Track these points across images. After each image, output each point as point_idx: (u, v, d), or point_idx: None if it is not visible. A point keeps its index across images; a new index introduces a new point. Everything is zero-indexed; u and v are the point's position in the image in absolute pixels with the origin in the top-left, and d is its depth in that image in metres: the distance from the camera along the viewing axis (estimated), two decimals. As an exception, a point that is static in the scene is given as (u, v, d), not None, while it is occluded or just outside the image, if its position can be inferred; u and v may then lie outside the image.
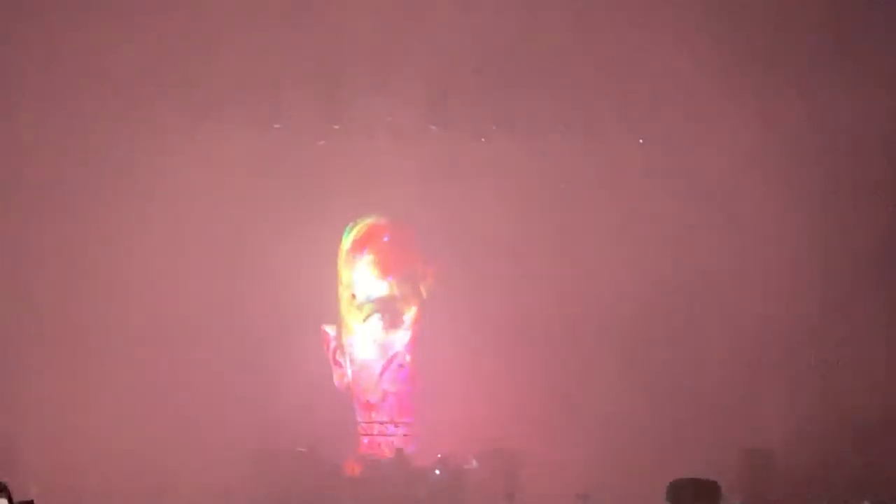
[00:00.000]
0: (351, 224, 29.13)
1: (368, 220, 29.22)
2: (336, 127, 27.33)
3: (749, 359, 26.12)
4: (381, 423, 28.78)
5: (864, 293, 25.38)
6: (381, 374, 29.07)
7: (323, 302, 28.77)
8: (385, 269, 29.28)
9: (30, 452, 24.51)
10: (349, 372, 29.05)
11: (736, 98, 25.18)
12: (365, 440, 28.67)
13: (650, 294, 26.19)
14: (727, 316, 25.84)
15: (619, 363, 26.14)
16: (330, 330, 29.00)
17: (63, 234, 25.81)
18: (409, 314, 29.14)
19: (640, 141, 27.07)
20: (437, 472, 25.40)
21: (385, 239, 29.15)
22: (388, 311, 29.20)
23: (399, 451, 26.99)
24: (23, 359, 25.63)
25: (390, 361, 29.08)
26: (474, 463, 26.46)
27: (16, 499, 7.65)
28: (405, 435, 28.27)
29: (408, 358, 29.05)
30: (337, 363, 29.01)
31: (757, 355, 26.17)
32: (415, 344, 29.02)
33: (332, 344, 28.99)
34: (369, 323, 29.20)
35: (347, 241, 29.14)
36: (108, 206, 26.12)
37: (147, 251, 26.12)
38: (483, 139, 27.66)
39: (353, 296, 29.17)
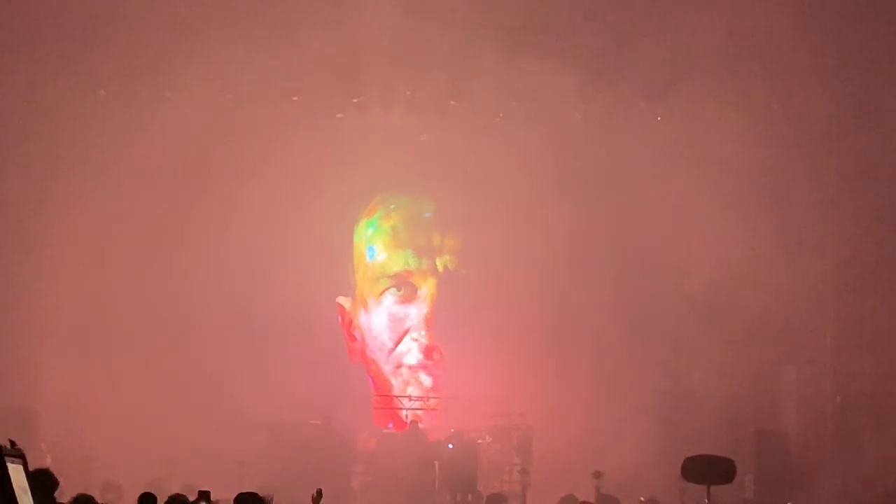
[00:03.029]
0: (369, 197, 29.14)
1: (386, 194, 29.23)
2: (355, 100, 27.31)
3: (764, 340, 26.12)
4: (396, 396, 28.83)
5: (879, 278, 25.30)
6: (396, 347, 29.12)
7: (339, 274, 28.80)
8: (402, 243, 29.30)
9: (45, 423, 24.64)
10: (364, 345, 29.09)
11: (754, 84, 25.19)
12: (379, 413, 28.74)
13: (667, 273, 26.17)
14: (743, 298, 25.77)
15: (635, 343, 26.13)
16: (345, 302, 29.04)
17: (79, 215, 25.88)
18: (425, 288, 29.17)
19: (658, 118, 27.01)
20: (451, 446, 25.40)
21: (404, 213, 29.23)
22: (404, 284, 29.24)
23: (413, 424, 27.01)
24: (40, 336, 25.74)
25: (405, 335, 29.12)
26: (488, 438, 26.49)
27: (32, 466, 7.68)
28: (419, 409, 28.31)
29: (423, 332, 29.09)
30: (352, 336, 29.06)
31: (772, 337, 26.14)
32: (430, 318, 29.06)
33: (348, 317, 29.04)
34: (385, 296, 29.23)
35: (364, 214, 29.16)
36: (124, 181, 26.13)
37: (162, 224, 26.20)
38: (502, 115, 27.61)
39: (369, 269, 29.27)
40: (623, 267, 26.68)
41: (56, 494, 10.92)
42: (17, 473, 7.22)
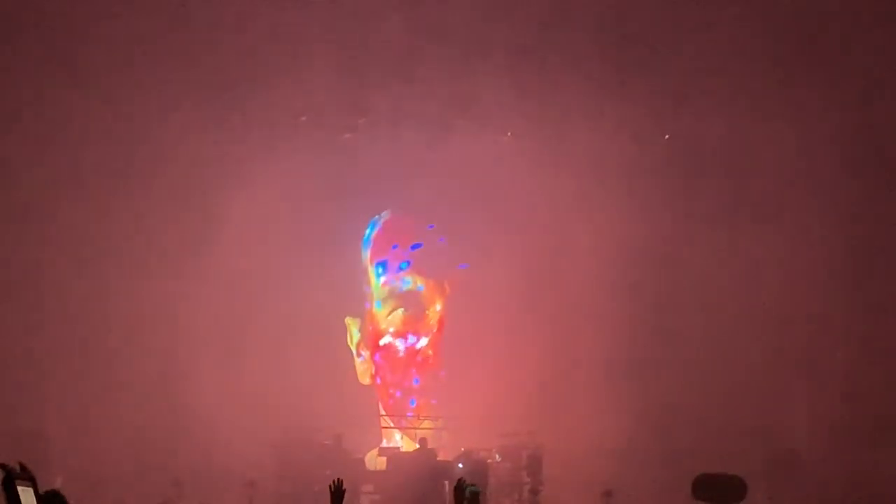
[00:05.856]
0: (376, 217, 29.15)
1: (393, 214, 29.23)
2: (362, 120, 27.33)
3: (774, 357, 26.05)
4: (405, 415, 28.79)
5: (891, 295, 25.25)
6: (405, 367, 29.09)
7: (347, 294, 28.79)
8: (409, 262, 29.29)
9: (55, 445, 24.61)
10: (372, 364, 29.06)
11: (764, 96, 25.16)
12: (388, 433, 28.69)
13: (677, 293, 26.14)
14: (754, 315, 25.73)
15: (645, 360, 26.07)
16: (353, 322, 29.01)
17: (85, 234, 25.88)
18: (434, 308, 29.14)
19: (666, 136, 27.00)
20: (461, 465, 25.34)
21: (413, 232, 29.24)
22: (412, 304, 29.22)
23: (423, 444, 26.96)
24: (49, 357, 25.72)
25: (414, 354, 29.09)
26: (498, 457, 26.42)
27: (42, 489, 7.66)
28: (429, 428, 28.25)
29: (431, 351, 29.06)
30: (360, 356, 29.02)
31: (782, 354, 26.08)
32: (439, 338, 29.03)
33: (356, 336, 29.01)
34: (393, 316, 29.21)
35: (372, 233, 29.16)
36: (131, 199, 26.14)
37: (171, 244, 26.18)
38: (510, 133, 27.62)
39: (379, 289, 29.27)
40: (632, 285, 26.61)
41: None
42: (27, 496, 7.22)
